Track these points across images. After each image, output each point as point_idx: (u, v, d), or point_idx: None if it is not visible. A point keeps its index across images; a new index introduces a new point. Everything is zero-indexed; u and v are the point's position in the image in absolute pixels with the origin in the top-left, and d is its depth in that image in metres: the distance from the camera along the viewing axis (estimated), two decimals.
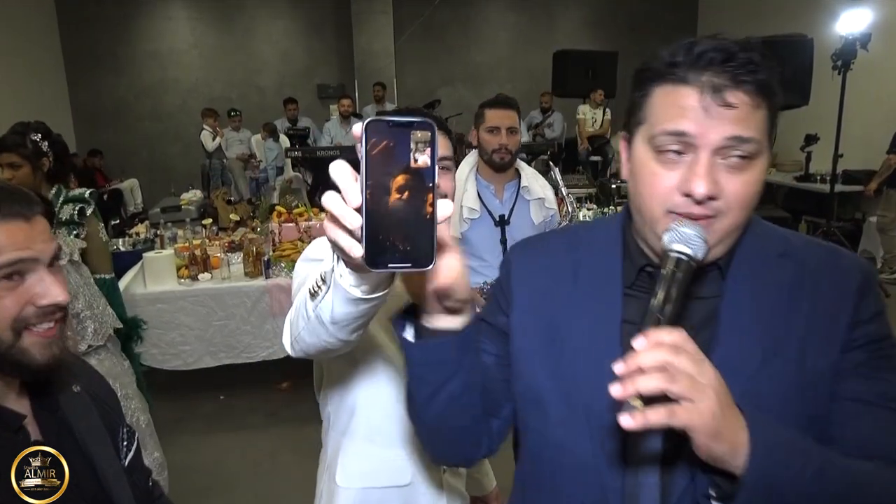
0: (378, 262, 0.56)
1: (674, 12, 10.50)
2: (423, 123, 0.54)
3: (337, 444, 1.22)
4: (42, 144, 2.22)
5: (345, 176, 0.56)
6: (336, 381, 1.20)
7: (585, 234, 0.91)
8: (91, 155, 8.64)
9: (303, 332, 0.80)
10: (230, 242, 3.94)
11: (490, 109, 2.27)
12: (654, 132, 0.74)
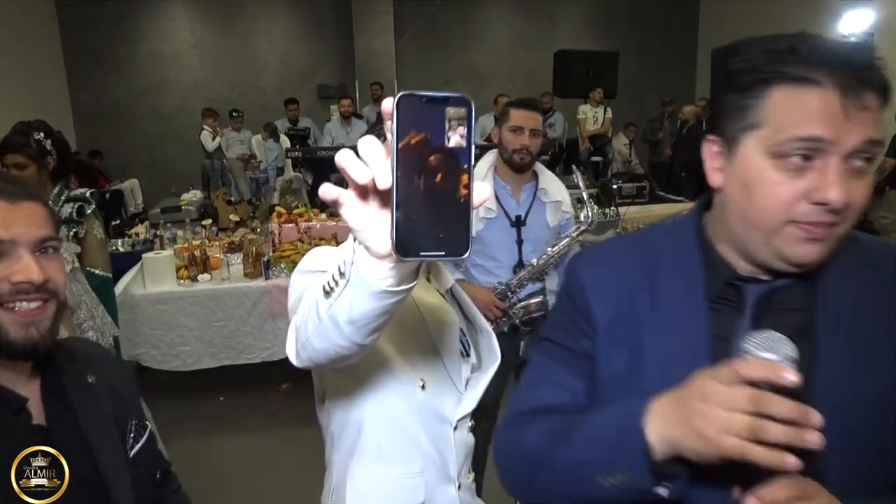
0: (409, 251, 0.51)
1: (675, 12, 10.48)
2: (460, 99, 0.50)
3: (344, 466, 1.15)
4: (46, 143, 2.22)
5: (376, 154, 0.51)
6: (340, 398, 1.13)
7: (656, 242, 0.86)
8: (91, 156, 8.63)
9: (312, 336, 0.74)
10: (230, 243, 3.93)
11: (515, 109, 2.27)
12: (781, 138, 0.68)
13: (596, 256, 0.92)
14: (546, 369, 0.88)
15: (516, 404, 0.89)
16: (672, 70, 10.43)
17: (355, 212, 0.55)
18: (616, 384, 0.81)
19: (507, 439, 0.86)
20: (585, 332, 0.84)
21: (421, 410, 1.11)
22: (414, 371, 1.10)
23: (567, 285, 0.90)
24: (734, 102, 0.73)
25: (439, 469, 1.14)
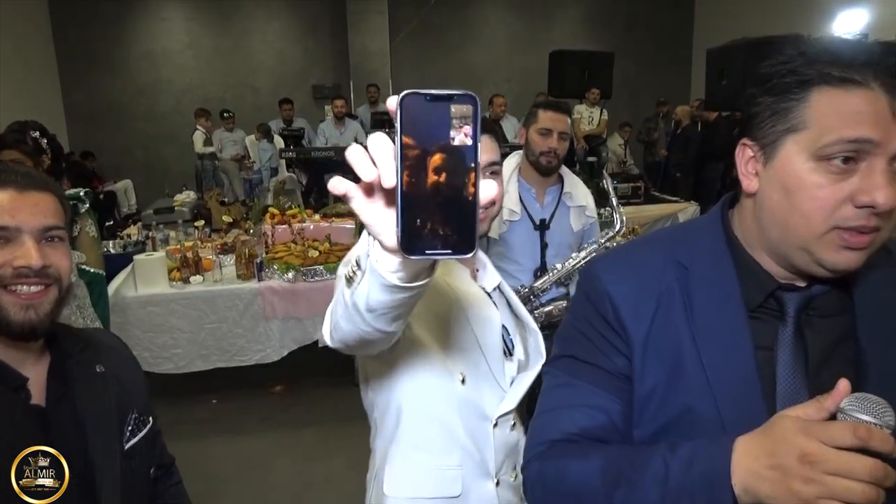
0: (415, 249, 0.51)
1: (670, 12, 10.49)
2: (465, 97, 0.49)
3: (384, 452, 1.16)
4: (42, 141, 2.20)
5: (384, 150, 0.51)
6: (379, 385, 1.15)
7: (682, 247, 0.82)
8: (83, 157, 8.58)
9: (341, 319, 0.76)
10: (223, 244, 3.90)
11: (544, 111, 2.23)
12: (827, 140, 0.66)
13: (619, 265, 0.85)
14: (576, 390, 0.82)
15: (546, 429, 0.83)
16: (667, 70, 10.44)
17: (364, 207, 0.55)
18: (654, 400, 0.78)
19: (544, 471, 0.80)
20: (620, 350, 0.80)
21: (460, 404, 1.12)
22: (454, 364, 1.10)
23: (591, 298, 0.84)
24: (771, 105, 0.71)
25: (478, 464, 1.14)
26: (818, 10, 6.98)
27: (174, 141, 9.42)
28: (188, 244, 3.69)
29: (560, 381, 0.85)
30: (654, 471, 0.69)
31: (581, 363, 0.83)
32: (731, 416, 0.73)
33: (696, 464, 0.67)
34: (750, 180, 0.75)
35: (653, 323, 0.78)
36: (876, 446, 0.57)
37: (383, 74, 9.08)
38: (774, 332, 0.75)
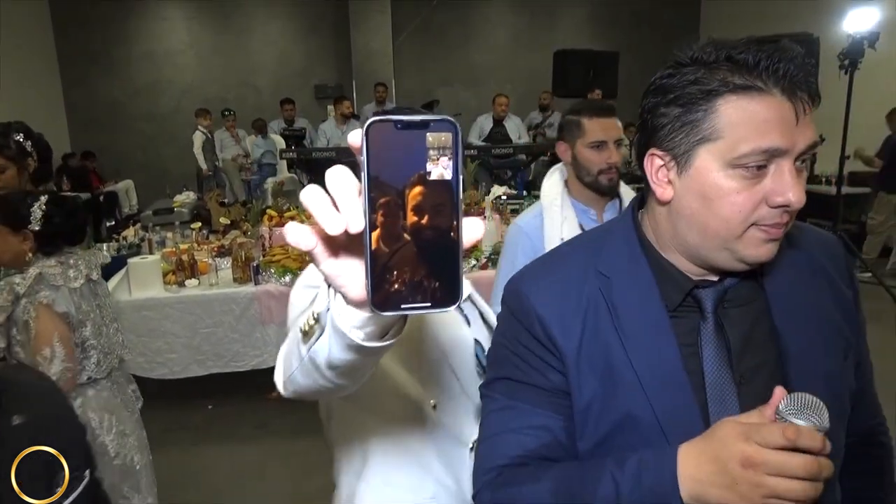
0: (388, 304, 0.43)
1: (676, 11, 10.40)
2: (443, 123, 0.42)
3: (351, 490, 1.08)
4: (25, 144, 2.13)
5: (346, 190, 0.43)
6: (343, 420, 1.08)
7: (598, 254, 0.83)
8: (84, 157, 8.56)
9: (296, 372, 0.65)
10: (220, 247, 3.83)
11: (590, 118, 1.80)
12: (741, 151, 0.69)
13: (541, 279, 0.84)
14: (517, 412, 0.82)
15: (493, 455, 0.82)
16: None
17: (327, 257, 0.47)
18: (593, 412, 0.79)
19: (498, 498, 0.79)
20: (554, 367, 0.80)
21: (433, 433, 1.04)
22: (425, 392, 1.03)
23: (518, 316, 0.83)
24: (679, 117, 0.73)
25: (454, 495, 1.07)
26: (828, 8, 6.87)
27: (175, 141, 9.38)
28: (184, 247, 3.63)
29: (499, 404, 0.84)
30: (605, 490, 0.71)
31: (518, 384, 0.82)
32: (666, 414, 0.76)
33: (644, 478, 0.69)
34: (663, 189, 0.76)
35: (582, 336, 0.79)
36: (805, 445, 0.61)
37: (386, 74, 9.02)
38: (695, 328, 0.79)
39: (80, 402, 1.82)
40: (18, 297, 1.70)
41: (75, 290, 1.80)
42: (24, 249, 1.74)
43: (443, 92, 9.79)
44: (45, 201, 1.76)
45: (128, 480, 1.89)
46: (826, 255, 0.86)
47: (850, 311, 0.85)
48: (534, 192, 5.63)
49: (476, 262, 3.55)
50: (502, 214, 4.52)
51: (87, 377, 1.84)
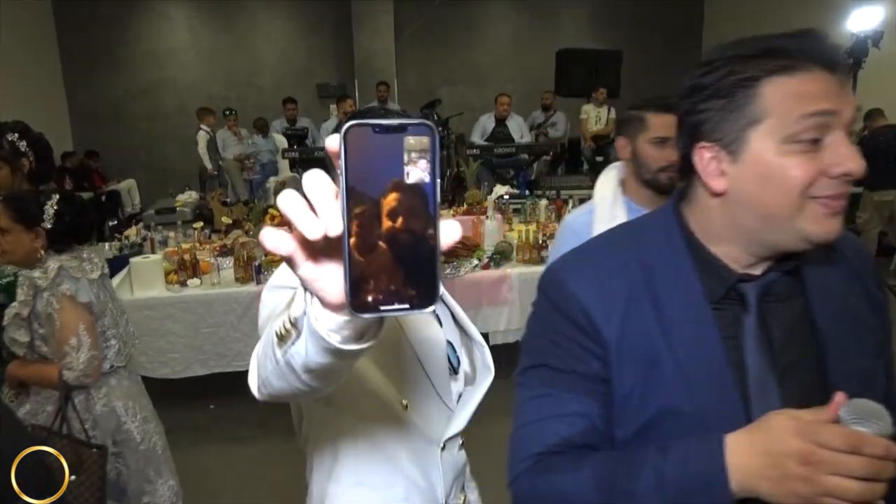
0: (366, 306, 0.44)
1: (679, 10, 10.37)
2: (420, 126, 0.42)
3: (322, 490, 1.08)
4: (20, 144, 2.13)
5: (324, 194, 0.43)
6: (314, 420, 1.08)
7: (641, 245, 0.84)
8: (87, 156, 8.57)
9: (271, 376, 0.65)
10: (222, 246, 3.83)
11: (655, 114, 1.75)
12: (791, 120, 0.70)
13: (584, 270, 0.85)
14: (555, 399, 0.82)
15: (530, 443, 0.82)
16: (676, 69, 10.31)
17: (304, 261, 0.46)
18: (633, 400, 0.79)
19: (536, 487, 0.79)
20: (595, 354, 0.81)
21: (404, 432, 1.05)
22: (396, 390, 1.04)
23: (558, 305, 0.83)
24: (723, 108, 0.74)
25: (424, 493, 1.08)
26: (831, 6, 6.85)
27: (178, 140, 9.39)
28: (186, 246, 3.63)
29: (536, 392, 0.84)
30: (648, 477, 0.71)
31: (556, 371, 0.82)
32: (708, 406, 0.76)
33: (689, 465, 0.69)
34: (715, 180, 0.77)
35: (624, 324, 0.80)
36: (869, 452, 0.61)
37: (388, 73, 9.01)
38: (737, 322, 0.79)
39: (104, 391, 1.86)
40: (39, 292, 1.73)
41: (93, 282, 1.85)
42: (36, 247, 1.77)
43: (445, 91, 9.78)
44: (56, 200, 1.79)
45: (151, 465, 1.94)
46: (857, 256, 0.87)
47: (882, 312, 0.86)
48: (536, 191, 5.62)
49: (478, 262, 3.54)
50: (504, 214, 4.52)
51: (110, 366, 1.89)
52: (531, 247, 3.65)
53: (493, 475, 1.64)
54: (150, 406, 2.04)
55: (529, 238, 3.69)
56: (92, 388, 1.83)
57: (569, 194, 5.34)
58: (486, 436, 1.74)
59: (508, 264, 3.66)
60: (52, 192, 1.84)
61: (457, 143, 6.99)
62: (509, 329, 3.58)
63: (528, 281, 3.56)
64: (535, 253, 3.64)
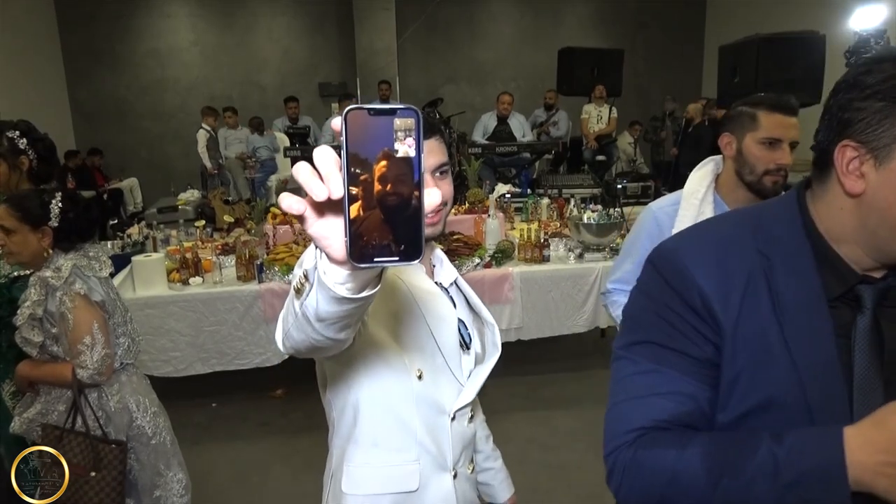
0: (363, 258, 0.53)
1: (681, 9, 10.35)
2: (407, 111, 0.52)
3: (342, 451, 1.18)
4: (20, 142, 2.13)
5: (329, 163, 0.52)
6: (338, 385, 1.16)
7: (761, 236, 0.83)
8: (91, 154, 8.58)
9: (291, 328, 0.77)
10: (223, 245, 3.83)
11: (769, 112, 1.63)
12: None
13: (702, 251, 0.85)
14: (662, 377, 0.82)
15: (633, 417, 0.82)
16: (678, 68, 10.31)
17: (314, 222, 0.56)
18: (740, 385, 0.80)
19: (638, 459, 0.79)
20: (709, 338, 0.81)
21: (418, 400, 1.13)
22: (411, 361, 1.12)
23: (676, 287, 0.83)
24: (881, 111, 0.72)
25: (434, 458, 1.16)
26: (834, 5, 6.82)
27: (179, 139, 9.40)
28: (188, 245, 3.63)
29: (642, 367, 0.84)
30: (762, 461, 0.71)
31: (666, 349, 0.82)
32: (817, 400, 0.76)
33: (807, 455, 0.69)
34: (854, 182, 0.76)
35: (740, 311, 0.79)
36: None
37: (390, 72, 9.01)
38: (850, 322, 0.79)
39: (116, 387, 1.86)
40: (52, 291, 1.74)
41: (103, 280, 1.86)
42: (43, 246, 1.78)
43: (447, 89, 9.78)
44: (60, 198, 1.79)
45: (162, 459, 1.94)
46: None
47: None
48: (538, 190, 5.61)
49: (480, 261, 3.54)
50: (506, 213, 4.51)
51: (120, 363, 1.90)
52: (533, 246, 3.65)
53: None
54: (158, 401, 2.06)
55: (531, 237, 3.68)
56: (104, 386, 1.83)
57: (570, 193, 5.34)
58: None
59: (510, 263, 3.66)
60: (55, 191, 1.84)
61: (458, 141, 6.97)
62: (511, 328, 3.58)
63: (530, 280, 3.56)
64: (536, 252, 3.64)
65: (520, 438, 3.20)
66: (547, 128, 7.88)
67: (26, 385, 1.87)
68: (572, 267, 3.61)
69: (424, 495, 1.16)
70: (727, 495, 0.72)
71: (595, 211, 4.27)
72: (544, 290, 3.57)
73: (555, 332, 3.65)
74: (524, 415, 3.45)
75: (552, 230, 4.18)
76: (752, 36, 5.49)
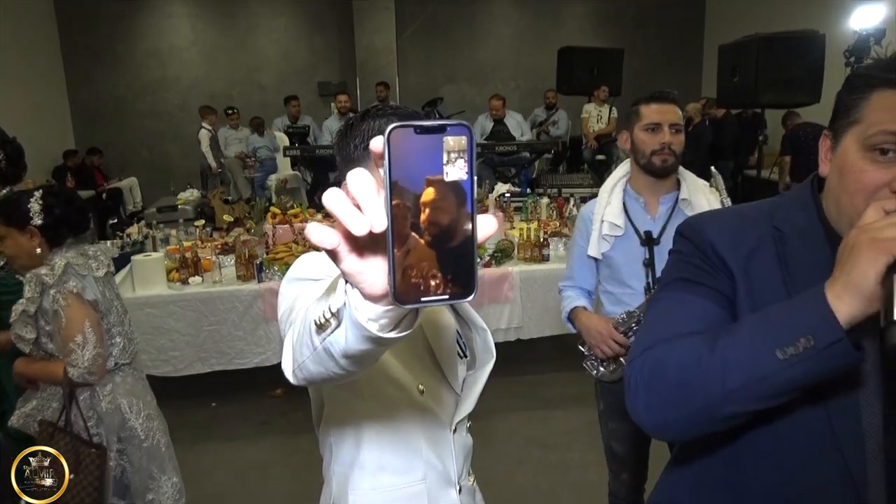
0: (409, 297, 0.46)
1: (681, 9, 10.34)
2: (458, 127, 0.45)
3: (344, 478, 1.13)
4: None
5: (368, 191, 0.45)
6: (338, 410, 1.12)
7: (778, 215, 0.89)
8: (90, 153, 8.57)
9: (308, 361, 0.69)
10: (223, 244, 3.83)
11: (646, 105, 1.92)
12: (872, 131, 0.76)
13: (720, 221, 0.94)
14: (686, 303, 0.89)
15: (656, 332, 0.87)
16: (678, 67, 10.30)
17: (347, 256, 0.49)
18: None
19: (654, 357, 0.84)
20: (725, 275, 0.87)
21: (421, 416, 1.11)
22: (413, 377, 1.09)
23: (695, 242, 0.91)
24: (844, 102, 0.81)
25: (440, 474, 1.14)
26: (834, 5, 6.82)
27: (179, 139, 9.39)
28: (187, 244, 3.63)
29: (670, 298, 0.92)
30: (750, 317, 0.77)
31: (692, 282, 0.90)
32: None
33: (790, 299, 0.75)
34: (825, 165, 0.85)
35: (748, 265, 0.86)
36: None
37: (390, 71, 9.00)
38: None
39: (109, 388, 1.86)
40: (46, 288, 1.74)
41: (99, 280, 1.85)
42: (33, 246, 1.78)
43: (447, 89, 9.78)
44: (40, 195, 1.79)
45: (154, 462, 1.94)
46: None
47: None
48: (537, 189, 5.61)
49: (480, 261, 3.54)
50: (506, 212, 4.51)
51: (114, 363, 1.89)
52: (532, 245, 3.65)
53: (493, 471, 1.64)
54: (154, 403, 2.05)
55: (531, 236, 3.69)
56: (97, 386, 1.83)
57: (570, 193, 5.33)
58: (486, 432, 1.74)
59: (510, 262, 3.66)
60: (35, 189, 1.83)
61: None
62: (510, 327, 3.58)
63: (530, 279, 3.56)
64: (536, 251, 3.64)
65: (519, 438, 3.20)
66: (546, 127, 7.88)
67: (24, 381, 1.87)
68: None
69: None
70: (729, 351, 0.74)
71: None
72: (544, 290, 3.57)
73: (554, 331, 3.65)
74: (524, 414, 3.46)
75: (552, 230, 4.18)
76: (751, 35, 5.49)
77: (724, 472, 0.90)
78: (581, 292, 2.07)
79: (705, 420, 0.78)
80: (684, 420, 0.79)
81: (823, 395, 0.79)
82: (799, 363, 0.69)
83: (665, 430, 0.84)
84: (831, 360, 0.68)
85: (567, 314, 2.06)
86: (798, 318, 0.70)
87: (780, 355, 0.70)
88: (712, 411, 0.76)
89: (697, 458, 0.94)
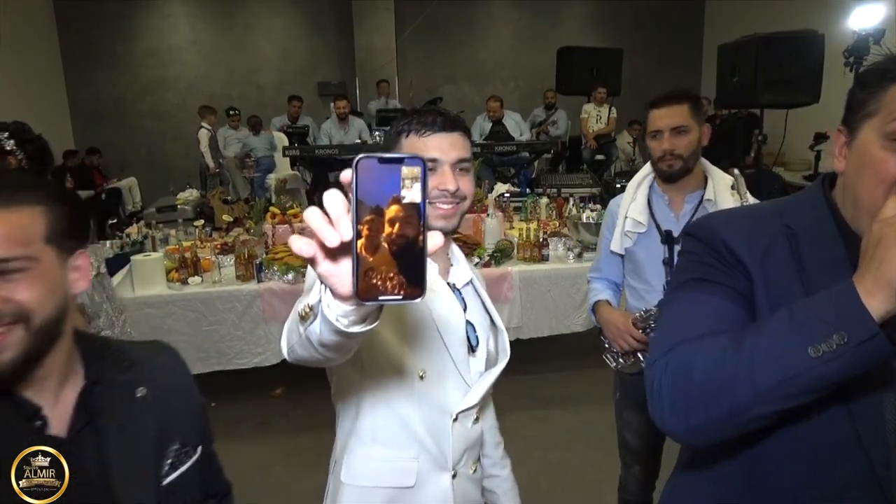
0: (369, 296, 0.57)
1: (680, 9, 10.35)
2: (413, 160, 0.55)
3: (344, 443, 1.21)
4: (7, 143, 2.13)
5: (338, 208, 0.56)
6: (341, 381, 1.21)
7: (789, 214, 0.89)
8: (89, 153, 8.56)
9: (296, 345, 0.83)
10: (222, 244, 3.83)
11: (650, 111, 1.88)
12: (891, 120, 0.76)
13: (732, 221, 0.93)
14: (700, 303, 0.87)
15: (675, 333, 0.86)
16: (677, 67, 10.31)
17: (322, 262, 0.60)
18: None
19: (676, 359, 0.82)
20: (742, 273, 0.87)
21: (419, 400, 1.15)
22: (416, 362, 1.14)
23: (707, 242, 0.90)
24: (858, 97, 0.81)
25: (434, 457, 1.18)
26: (833, 5, 6.83)
27: (179, 138, 9.39)
28: (187, 244, 3.63)
29: (687, 298, 0.90)
30: (777, 315, 0.74)
31: (706, 282, 0.88)
32: None
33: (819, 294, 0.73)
34: (840, 161, 0.84)
35: (762, 264, 0.85)
36: None
37: (389, 71, 9.01)
38: None
39: None
40: None
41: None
42: None
43: (446, 89, 9.78)
44: None
45: None
46: None
47: None
48: (537, 189, 5.62)
49: (479, 260, 3.54)
50: (505, 212, 4.51)
51: None
52: (532, 245, 3.65)
53: None
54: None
55: (530, 236, 3.69)
56: None
57: (569, 193, 5.34)
58: None
59: (509, 262, 3.66)
60: None
61: None
62: (510, 327, 3.58)
63: (529, 279, 3.56)
64: (535, 251, 3.64)
65: (519, 438, 3.20)
66: (546, 127, 7.88)
67: None
68: (571, 266, 3.61)
69: (421, 492, 1.18)
70: (752, 353, 0.73)
71: (594, 210, 4.27)
72: (543, 290, 3.57)
73: (554, 331, 3.66)
74: (524, 414, 3.46)
75: (551, 229, 4.18)
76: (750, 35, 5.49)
77: (744, 476, 0.88)
78: (608, 284, 2.09)
79: (731, 423, 0.76)
80: (711, 423, 0.77)
81: (846, 395, 0.77)
82: (832, 360, 0.68)
83: (691, 434, 0.81)
84: (865, 356, 0.67)
85: (591, 306, 2.08)
86: (829, 315, 0.69)
87: (812, 353, 0.69)
88: (740, 413, 0.74)
89: (715, 463, 0.92)
